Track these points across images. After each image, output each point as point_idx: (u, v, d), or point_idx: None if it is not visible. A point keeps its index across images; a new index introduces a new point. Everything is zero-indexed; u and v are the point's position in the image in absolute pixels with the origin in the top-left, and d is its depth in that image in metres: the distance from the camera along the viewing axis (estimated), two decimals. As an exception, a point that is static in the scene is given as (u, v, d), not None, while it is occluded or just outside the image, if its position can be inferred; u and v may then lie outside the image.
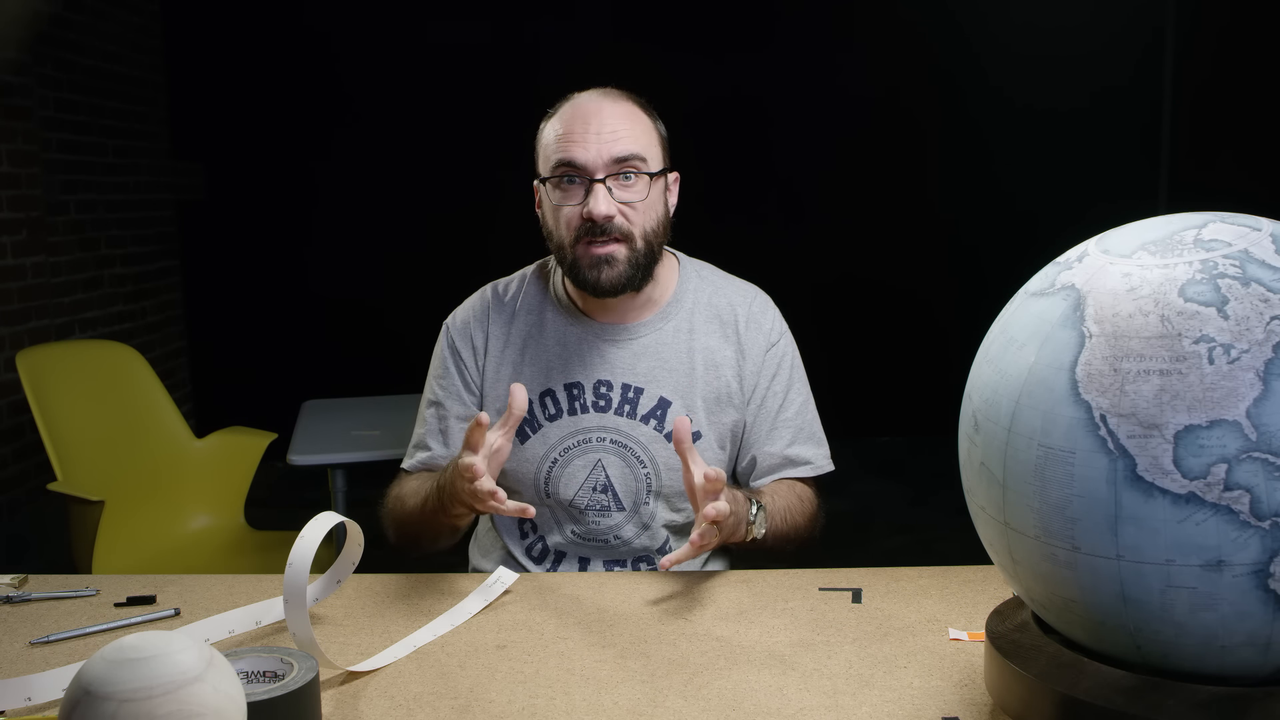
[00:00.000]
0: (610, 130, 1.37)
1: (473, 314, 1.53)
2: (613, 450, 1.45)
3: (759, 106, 4.73)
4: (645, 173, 1.38)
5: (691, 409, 1.46)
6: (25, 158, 3.45)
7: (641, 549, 1.48)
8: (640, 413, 1.46)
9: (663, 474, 1.45)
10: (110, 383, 2.76)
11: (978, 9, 4.50)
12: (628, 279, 1.39)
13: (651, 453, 1.45)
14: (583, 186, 1.37)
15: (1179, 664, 0.79)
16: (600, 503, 1.46)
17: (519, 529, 1.51)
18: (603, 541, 1.47)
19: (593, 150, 1.36)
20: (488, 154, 4.45)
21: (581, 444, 1.45)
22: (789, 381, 1.52)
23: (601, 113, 1.39)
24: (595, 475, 1.45)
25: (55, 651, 1.11)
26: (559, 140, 1.39)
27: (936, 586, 1.27)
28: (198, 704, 0.73)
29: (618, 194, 1.37)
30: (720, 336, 1.50)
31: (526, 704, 0.98)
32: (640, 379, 1.46)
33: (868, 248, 4.76)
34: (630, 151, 1.37)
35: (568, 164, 1.37)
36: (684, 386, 1.46)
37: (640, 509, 1.46)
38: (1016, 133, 4.55)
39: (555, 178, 1.39)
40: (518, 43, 4.64)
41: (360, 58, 4.65)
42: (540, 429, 1.46)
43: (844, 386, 4.48)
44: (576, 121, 1.38)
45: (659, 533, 1.48)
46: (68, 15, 3.78)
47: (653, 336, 1.48)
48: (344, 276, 4.72)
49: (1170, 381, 0.75)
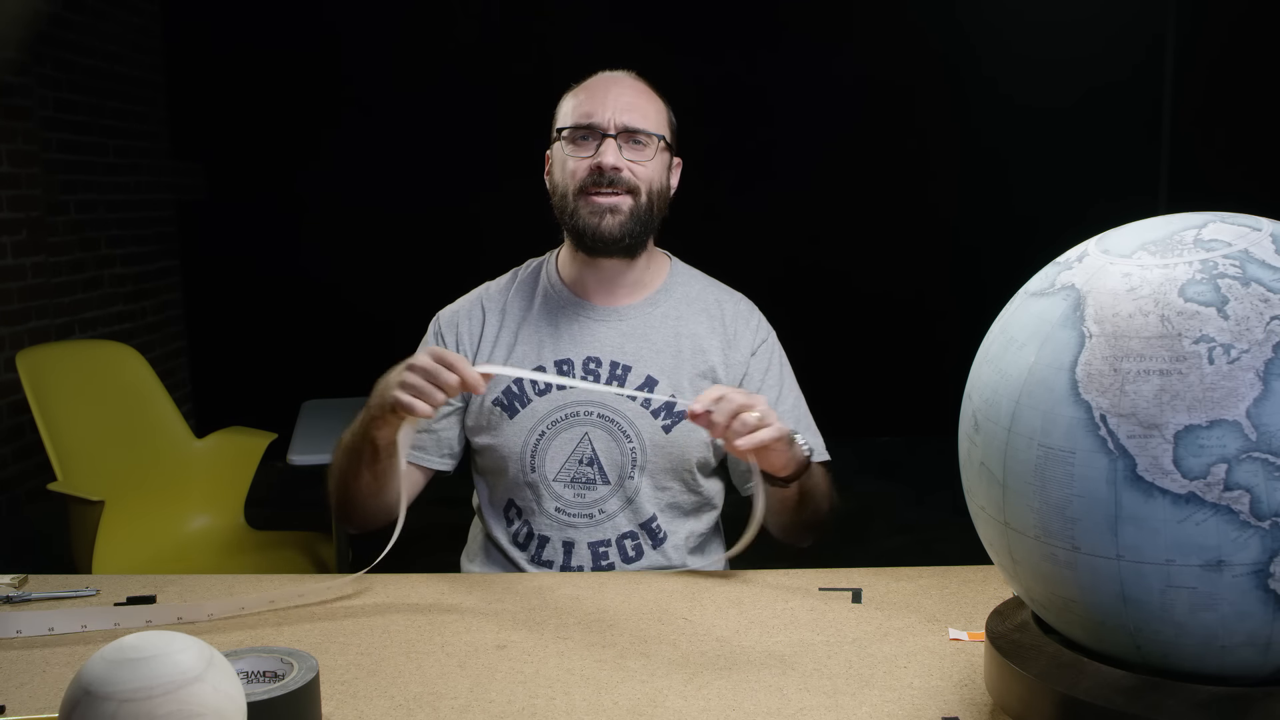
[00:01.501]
0: (628, 101, 1.46)
1: (463, 307, 1.57)
2: (600, 424, 1.47)
3: (759, 104, 4.73)
4: (655, 135, 1.47)
5: (678, 388, 1.49)
6: (25, 158, 3.45)
7: (626, 526, 1.48)
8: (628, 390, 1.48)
9: (648, 449, 1.47)
10: (110, 383, 2.75)
11: (978, 7, 4.50)
12: (626, 231, 1.45)
13: (638, 428, 1.47)
14: (595, 141, 1.45)
15: (1179, 664, 0.79)
16: (586, 475, 1.48)
17: (505, 519, 1.52)
18: (587, 516, 1.48)
19: (609, 111, 1.44)
20: (488, 154, 4.45)
21: (569, 417, 1.48)
22: (781, 377, 1.56)
23: (621, 84, 1.49)
24: (582, 448, 1.47)
25: (56, 651, 1.11)
26: (578, 104, 1.48)
27: (936, 586, 1.27)
28: (198, 704, 0.73)
29: (627, 152, 1.45)
30: (707, 326, 1.54)
31: (526, 704, 0.98)
32: (629, 357, 1.50)
33: (868, 247, 4.76)
34: (643, 126, 1.46)
35: (584, 120, 1.45)
36: (670, 367, 1.50)
37: (625, 483, 1.48)
38: (1017, 132, 4.55)
39: (571, 130, 1.46)
40: (518, 42, 4.64)
41: (360, 57, 4.65)
42: (530, 403, 1.48)
43: (844, 386, 4.48)
44: (597, 88, 1.48)
45: (644, 509, 1.49)
46: (68, 15, 3.78)
47: (641, 319, 1.52)
48: (344, 276, 4.71)
49: (1170, 381, 0.75)
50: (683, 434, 1.47)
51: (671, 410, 1.47)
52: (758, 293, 1.62)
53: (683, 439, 1.48)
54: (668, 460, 1.48)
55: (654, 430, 1.47)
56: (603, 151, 1.43)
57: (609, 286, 1.53)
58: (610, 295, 1.53)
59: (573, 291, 1.54)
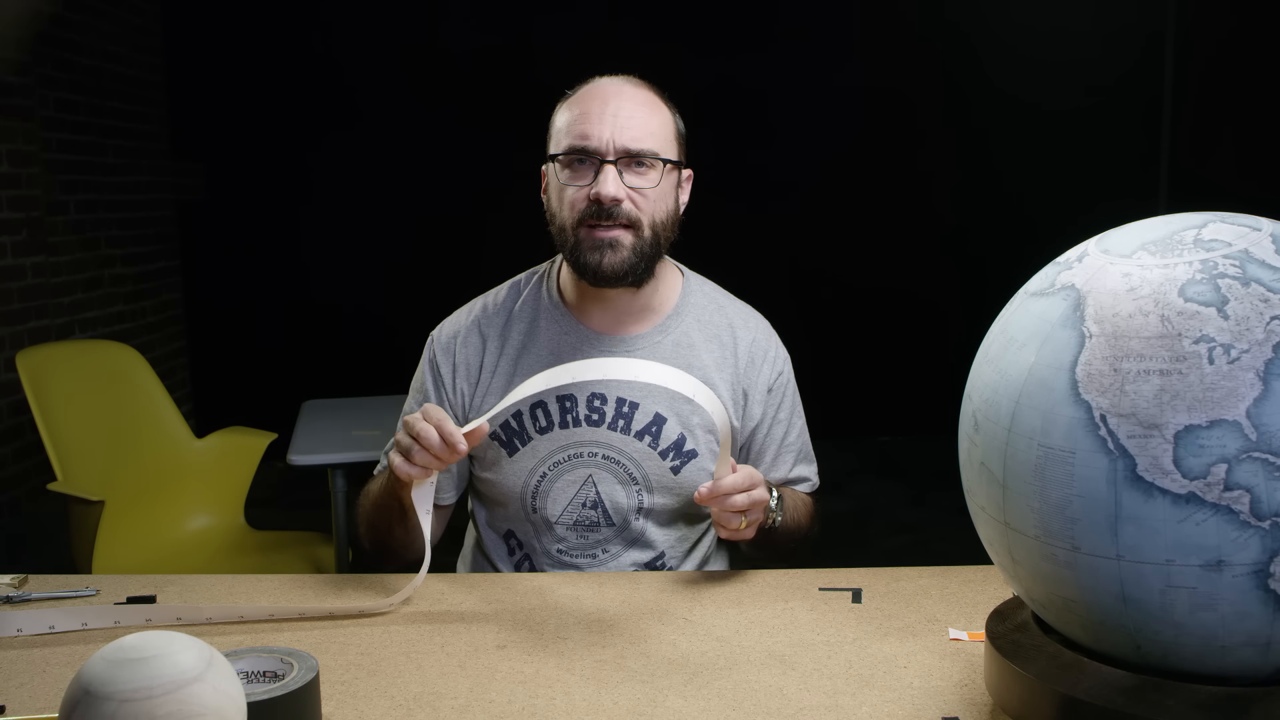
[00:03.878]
0: (627, 115, 1.32)
1: (460, 331, 1.47)
2: (604, 466, 1.40)
3: (759, 105, 4.73)
4: (659, 159, 1.33)
5: (687, 427, 1.41)
6: (25, 158, 3.45)
7: (629, 564, 1.44)
8: (635, 428, 1.40)
9: (655, 492, 1.41)
10: (110, 383, 2.76)
11: (979, 9, 4.51)
12: (630, 267, 1.33)
13: (645, 470, 1.40)
14: (592, 168, 1.31)
15: (1179, 664, 0.79)
16: (589, 519, 1.41)
17: (505, 545, 1.48)
18: (590, 556, 1.43)
19: (607, 132, 1.31)
20: (488, 154, 4.45)
21: (572, 459, 1.40)
22: (792, 409, 1.51)
23: (621, 95, 1.34)
24: (585, 491, 1.41)
25: (56, 651, 1.11)
26: (573, 121, 1.33)
27: (936, 586, 1.27)
28: (198, 704, 0.73)
29: (628, 179, 1.32)
30: (717, 357, 1.45)
31: (526, 704, 0.98)
32: (636, 394, 1.40)
33: (868, 248, 4.76)
34: (645, 146, 1.32)
35: (580, 142, 1.31)
36: (679, 403, 1.40)
37: (630, 526, 1.42)
38: (1017, 132, 4.55)
39: (565, 155, 1.33)
40: (519, 43, 4.64)
41: (361, 57, 4.65)
42: (530, 441, 1.40)
43: (845, 386, 4.49)
44: (594, 102, 1.33)
45: (651, 546, 1.44)
46: (68, 15, 3.78)
47: (649, 351, 1.42)
48: (344, 276, 4.72)
49: (1170, 381, 0.74)
50: (692, 475, 1.41)
51: (681, 450, 1.40)
52: (758, 293, 1.62)
53: (692, 480, 1.40)
54: (676, 501, 1.42)
55: (662, 472, 1.40)
56: (601, 180, 1.30)
57: (615, 315, 1.43)
58: (617, 324, 1.43)
59: (576, 318, 1.44)
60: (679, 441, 1.41)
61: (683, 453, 1.41)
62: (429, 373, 1.47)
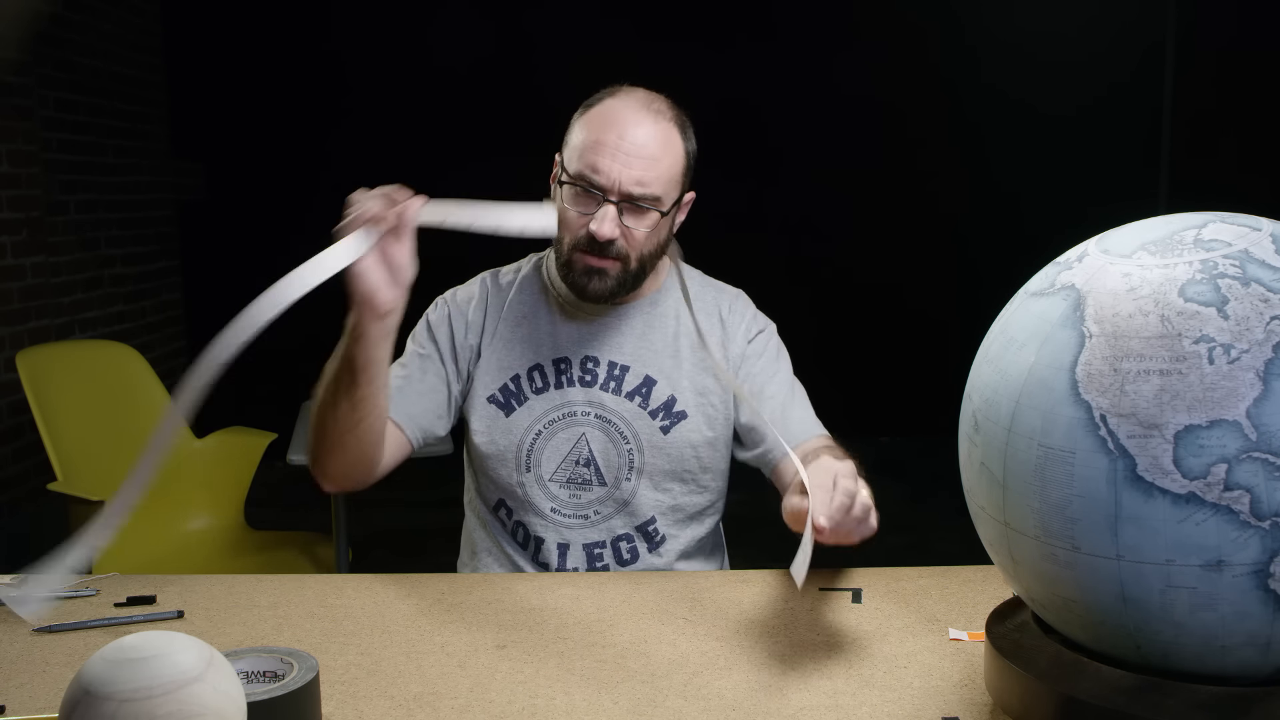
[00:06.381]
0: (639, 152, 1.35)
1: (474, 295, 1.55)
2: (596, 425, 1.46)
3: (759, 107, 4.73)
4: (656, 209, 1.38)
5: (677, 389, 1.48)
6: (25, 158, 3.45)
7: (621, 529, 1.48)
8: (626, 389, 1.47)
9: (645, 451, 1.47)
10: (110, 383, 2.75)
11: (979, 11, 4.51)
12: (613, 293, 1.42)
13: (635, 429, 1.46)
14: (595, 201, 1.36)
15: (1179, 664, 0.79)
16: (582, 476, 1.47)
17: (497, 519, 1.51)
18: (581, 517, 1.47)
19: (615, 170, 1.34)
20: (488, 154, 4.45)
21: (566, 417, 1.47)
22: (777, 362, 1.52)
23: (637, 126, 1.36)
24: (578, 449, 1.47)
25: (56, 651, 1.11)
26: (586, 147, 1.37)
27: (936, 586, 1.27)
28: (198, 704, 0.73)
29: (626, 218, 1.37)
30: (705, 324, 1.50)
31: (526, 704, 0.98)
32: (627, 357, 1.48)
33: (868, 248, 4.76)
34: (647, 192, 1.36)
35: (589, 174, 1.36)
36: (669, 368, 1.48)
37: (621, 484, 1.47)
38: (1017, 133, 4.55)
39: (570, 181, 1.38)
40: (519, 43, 4.64)
41: (360, 57, 4.65)
42: (526, 402, 1.47)
43: (845, 386, 4.48)
44: (610, 131, 1.36)
45: (641, 511, 1.48)
46: (68, 15, 3.78)
47: (641, 319, 1.50)
48: (344, 276, 4.71)
49: (1170, 381, 0.75)
50: (682, 434, 1.47)
51: (671, 411, 1.46)
52: (758, 293, 1.62)
53: (682, 439, 1.47)
54: (667, 461, 1.47)
55: (652, 431, 1.46)
56: (599, 218, 1.35)
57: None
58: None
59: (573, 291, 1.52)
60: (669, 402, 1.47)
61: (672, 413, 1.47)
62: (441, 324, 1.51)
